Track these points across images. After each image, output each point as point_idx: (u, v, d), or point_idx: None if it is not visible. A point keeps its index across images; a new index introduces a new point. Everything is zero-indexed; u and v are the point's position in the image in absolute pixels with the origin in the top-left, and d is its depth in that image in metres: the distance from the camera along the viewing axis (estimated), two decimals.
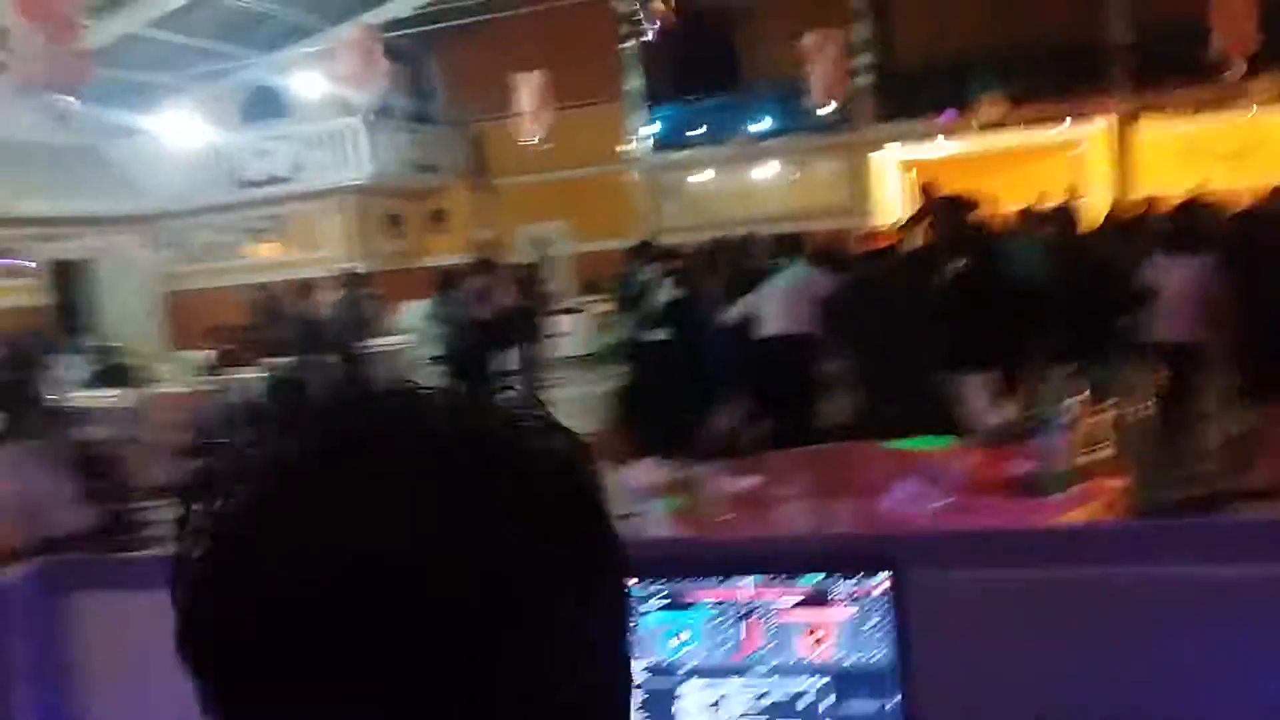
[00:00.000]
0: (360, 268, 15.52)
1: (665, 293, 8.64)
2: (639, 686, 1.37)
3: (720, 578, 1.40)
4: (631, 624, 0.68)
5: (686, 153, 20.13)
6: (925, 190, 8.01)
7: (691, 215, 19.12)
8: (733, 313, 7.32)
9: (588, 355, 15.33)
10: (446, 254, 18.72)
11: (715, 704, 1.38)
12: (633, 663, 1.18)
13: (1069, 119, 18.74)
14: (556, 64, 17.18)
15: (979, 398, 6.44)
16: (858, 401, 6.25)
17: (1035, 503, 3.23)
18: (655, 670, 1.40)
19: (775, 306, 6.95)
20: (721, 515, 3.63)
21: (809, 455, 4.38)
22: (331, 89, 14.52)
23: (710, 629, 1.40)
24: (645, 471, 4.45)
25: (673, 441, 7.67)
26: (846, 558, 1.39)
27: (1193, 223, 6.92)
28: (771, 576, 1.39)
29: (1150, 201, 11.33)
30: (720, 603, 1.41)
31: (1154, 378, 6.52)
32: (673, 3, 7.05)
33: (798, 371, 6.66)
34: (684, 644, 1.40)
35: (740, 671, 1.38)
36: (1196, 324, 6.27)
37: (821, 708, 1.35)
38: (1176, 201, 7.89)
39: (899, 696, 1.33)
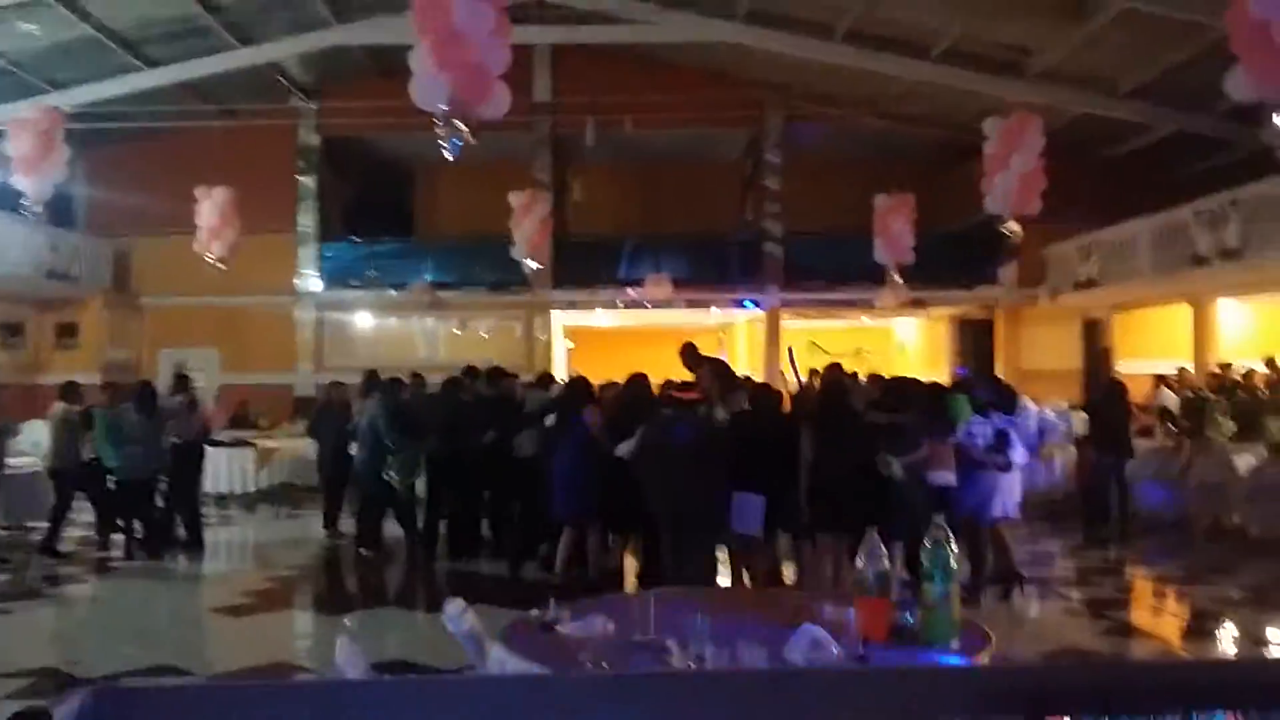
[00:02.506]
0: None
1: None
2: None
3: (1181, 708, 1.20)
4: None
5: (355, 293, 19.58)
6: (690, 351, 8.50)
7: (353, 357, 18.51)
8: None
9: (246, 493, 14.15)
10: (75, 371, 16.78)
11: None
12: None
13: (719, 306, 20.27)
14: (229, 185, 16.24)
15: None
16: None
17: (921, 650, 3.26)
18: None
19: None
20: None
21: (671, 596, 4.17)
22: None
23: None
24: (457, 611, 3.99)
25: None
26: None
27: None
28: (1243, 710, 1.20)
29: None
30: None
31: None
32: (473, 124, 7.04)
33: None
34: None
35: None
36: None
37: None
38: None
39: None
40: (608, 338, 22.50)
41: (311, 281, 19.56)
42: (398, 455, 9.95)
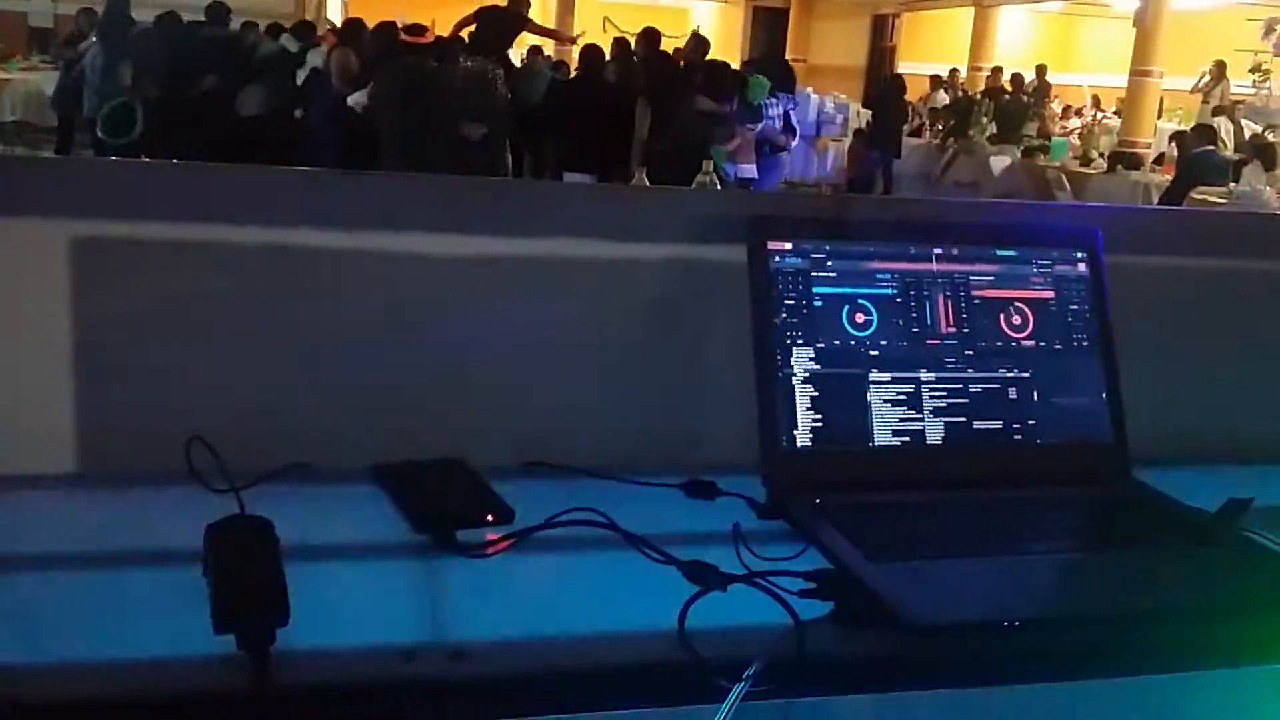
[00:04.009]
0: None
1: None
2: (809, 379, 1.11)
3: (900, 245, 1.18)
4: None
5: None
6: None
7: None
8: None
9: None
10: None
11: (909, 399, 1.15)
12: (802, 348, 1.15)
13: None
14: None
15: None
16: None
17: None
18: (833, 358, 1.14)
19: None
20: None
21: None
22: None
23: (894, 307, 1.17)
24: None
25: None
26: (1043, 233, 1.25)
27: None
28: (958, 249, 1.19)
29: None
30: (903, 274, 1.17)
31: None
32: None
33: None
34: (865, 326, 1.16)
35: (935, 358, 1.16)
36: None
37: (1033, 399, 1.18)
38: None
39: (1108, 388, 1.20)
40: None
41: None
42: (115, 103, 9.00)
